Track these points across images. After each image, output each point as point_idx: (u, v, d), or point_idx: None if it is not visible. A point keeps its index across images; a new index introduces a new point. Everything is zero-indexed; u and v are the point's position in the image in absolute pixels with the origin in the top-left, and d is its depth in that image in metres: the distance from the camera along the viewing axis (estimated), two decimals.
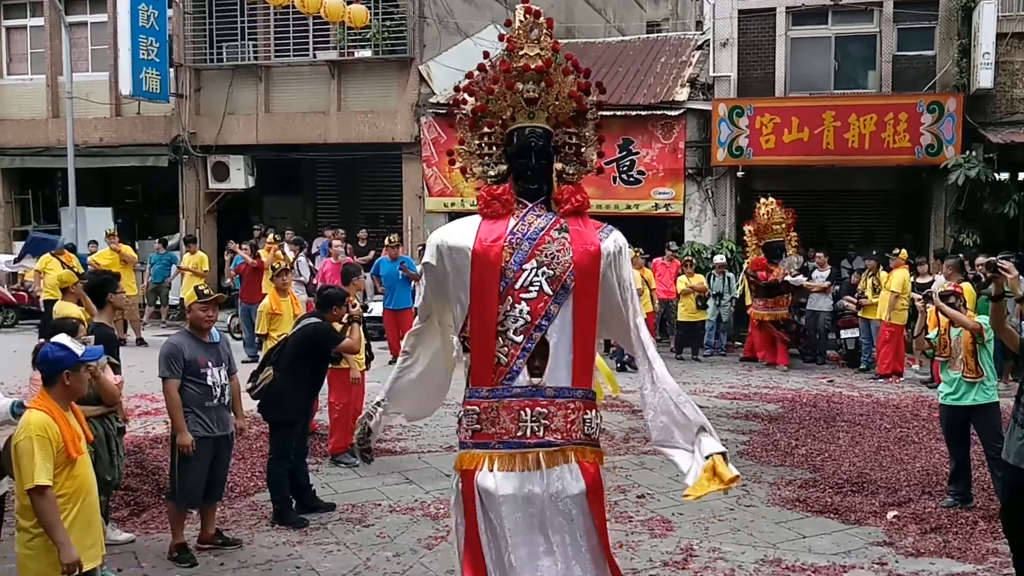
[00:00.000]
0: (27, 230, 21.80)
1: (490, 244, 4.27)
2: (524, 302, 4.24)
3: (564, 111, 4.48)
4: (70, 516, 4.26)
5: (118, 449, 6.05)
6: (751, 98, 16.56)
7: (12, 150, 21.51)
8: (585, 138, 4.59)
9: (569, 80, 4.49)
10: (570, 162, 4.55)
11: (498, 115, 4.50)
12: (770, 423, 10.49)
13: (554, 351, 4.25)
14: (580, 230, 4.36)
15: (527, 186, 4.42)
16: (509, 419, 4.23)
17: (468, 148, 4.59)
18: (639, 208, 17.15)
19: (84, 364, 4.38)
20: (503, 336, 4.25)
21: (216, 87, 20.03)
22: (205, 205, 20.39)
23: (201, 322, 6.40)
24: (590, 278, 4.29)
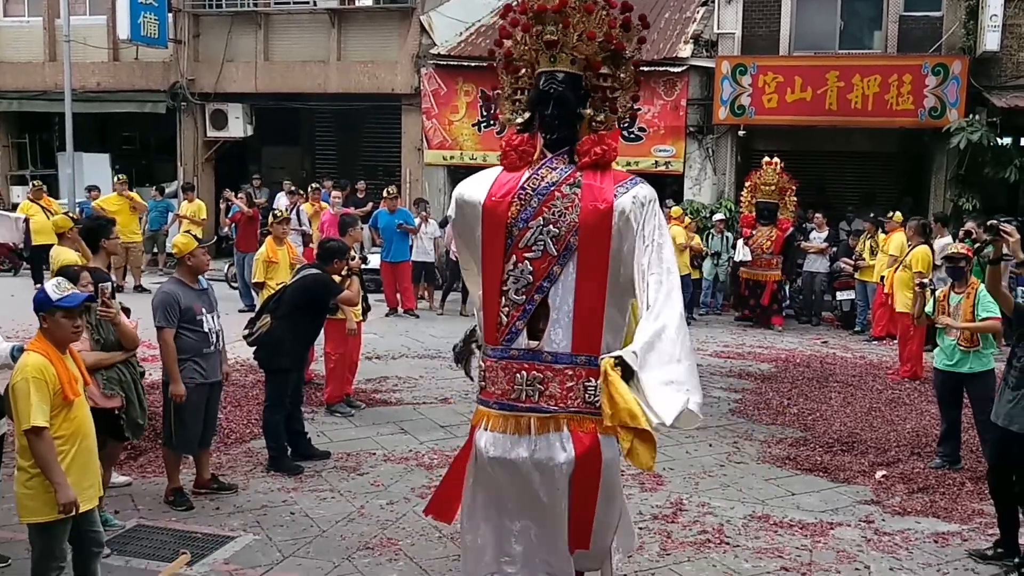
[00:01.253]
0: (24, 175, 21.74)
1: (499, 199, 4.12)
2: (527, 261, 4.08)
3: (591, 52, 4.16)
4: (68, 457, 4.30)
5: (143, 393, 6.08)
6: (755, 56, 16.41)
7: (9, 93, 21.32)
8: (621, 81, 4.28)
9: (595, 18, 4.16)
10: (601, 109, 4.26)
11: (524, 59, 4.28)
12: (763, 382, 10.57)
13: (555, 314, 4.08)
14: (594, 185, 4.08)
15: (547, 135, 4.19)
16: (506, 380, 4.14)
17: (503, 92, 4.40)
18: (639, 165, 17.04)
19: (60, 310, 4.35)
20: (505, 296, 4.13)
21: (215, 33, 19.83)
22: (203, 153, 20.29)
23: (203, 266, 6.45)
24: (598, 238, 4.03)
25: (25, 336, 9.61)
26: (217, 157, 20.63)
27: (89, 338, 5.62)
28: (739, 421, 8.90)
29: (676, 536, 6.04)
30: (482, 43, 17.94)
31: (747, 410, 9.30)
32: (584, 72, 4.20)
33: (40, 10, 20.97)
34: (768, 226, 14.39)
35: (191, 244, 6.45)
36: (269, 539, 5.83)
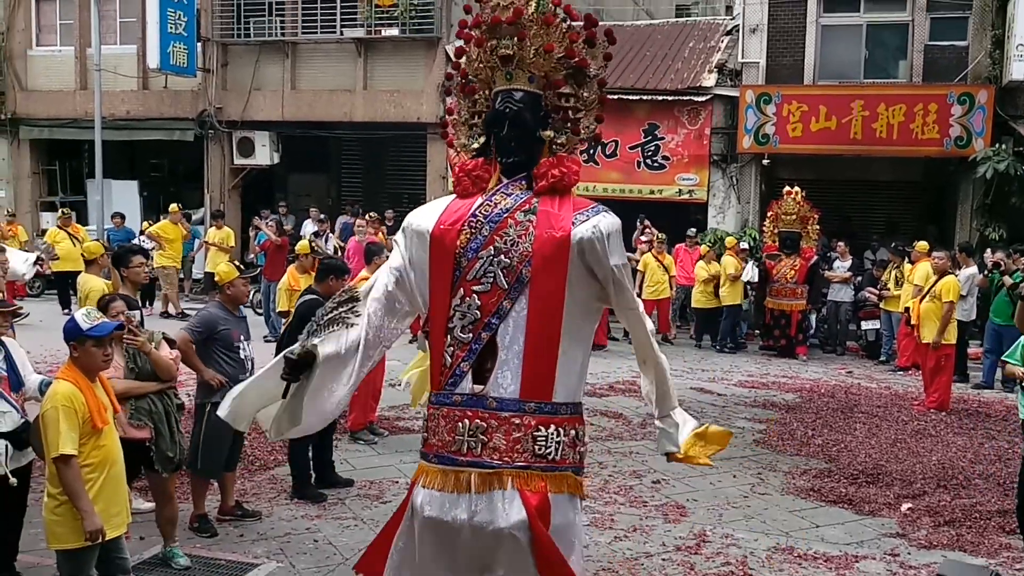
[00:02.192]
0: (54, 201, 22.05)
1: (448, 227, 3.72)
2: (475, 295, 3.65)
3: (552, 69, 3.78)
4: (96, 485, 4.35)
5: (178, 426, 5.88)
6: (779, 85, 16.44)
7: (40, 121, 21.68)
8: (584, 101, 3.89)
9: (554, 31, 3.76)
10: (561, 130, 3.86)
11: (479, 78, 3.89)
12: (787, 412, 10.50)
13: (503, 355, 3.63)
14: (551, 212, 3.68)
15: (502, 159, 3.80)
16: (446, 430, 3.68)
17: (459, 117, 4.03)
18: (663, 193, 17.12)
19: (90, 339, 4.40)
20: (451, 334, 3.69)
21: (243, 63, 20.10)
22: (230, 180, 20.50)
23: (242, 297, 6.48)
24: (553, 270, 3.61)
25: (53, 362, 9.74)
26: (244, 184, 20.85)
27: (124, 366, 5.65)
28: (763, 452, 8.85)
29: (699, 568, 5.99)
30: None
31: (771, 441, 9.24)
32: (544, 91, 3.83)
33: (72, 40, 21.34)
34: (791, 255, 14.36)
35: (232, 274, 6.48)
36: (292, 567, 5.84)
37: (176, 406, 5.90)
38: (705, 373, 12.84)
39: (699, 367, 13.34)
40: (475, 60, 3.86)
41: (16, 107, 21.74)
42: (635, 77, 17.26)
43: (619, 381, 11.80)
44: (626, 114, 16.93)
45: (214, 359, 6.24)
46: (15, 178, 22.01)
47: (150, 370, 5.68)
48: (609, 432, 9.20)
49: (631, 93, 16.82)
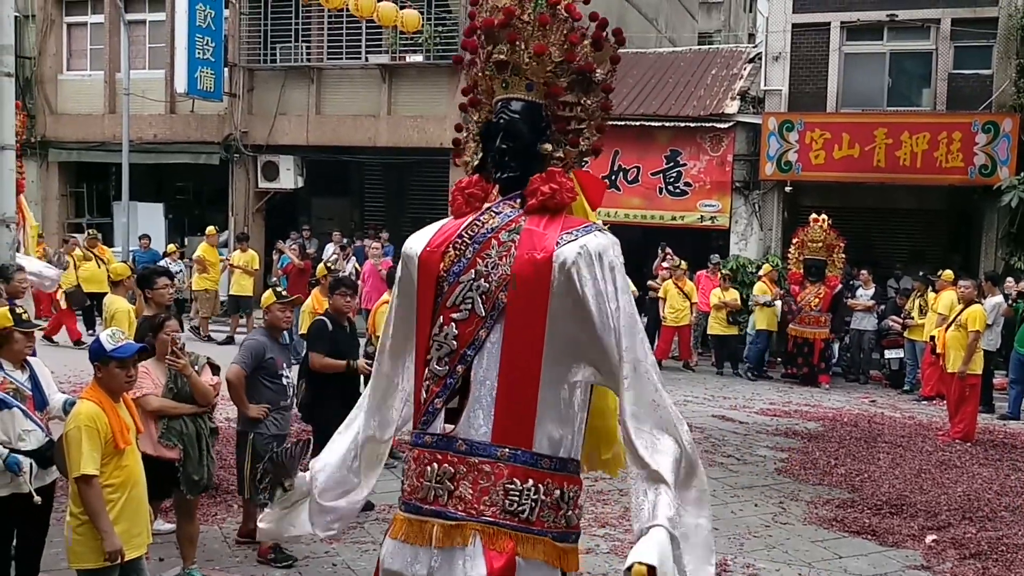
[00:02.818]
0: (81, 223, 22.30)
1: (434, 249, 3.35)
2: (454, 324, 3.25)
3: (549, 75, 3.35)
4: (117, 505, 4.37)
5: (208, 450, 5.82)
6: (802, 112, 16.45)
7: (69, 144, 22.00)
8: (587, 109, 3.43)
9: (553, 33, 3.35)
10: (559, 142, 3.42)
11: (482, 89, 3.53)
12: (810, 441, 10.41)
13: (476, 391, 3.19)
14: (535, 231, 3.25)
15: (497, 175, 3.42)
16: (416, 474, 3.27)
17: (469, 133, 3.65)
18: (684, 220, 17.11)
19: (114, 360, 4.44)
20: (428, 366, 3.30)
21: (269, 87, 20.33)
22: (254, 204, 20.68)
23: (280, 322, 6.44)
24: (532, 296, 3.16)
25: (77, 382, 9.82)
26: (268, 208, 21.02)
27: (164, 385, 5.68)
28: (785, 481, 8.77)
29: None
30: None
31: (793, 469, 9.17)
32: (545, 100, 3.41)
33: (102, 64, 21.68)
34: (816, 283, 14.30)
35: (269, 299, 6.49)
36: None
37: (210, 430, 5.88)
38: (727, 401, 12.77)
39: (720, 395, 13.27)
40: (476, 69, 3.51)
41: (46, 130, 22.08)
42: (657, 104, 17.32)
43: None
44: (648, 140, 16.98)
45: (258, 386, 6.23)
46: (43, 200, 22.29)
47: (189, 392, 5.70)
48: None
49: (653, 120, 16.87)
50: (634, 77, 18.86)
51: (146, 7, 21.28)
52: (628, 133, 16.93)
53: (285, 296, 6.60)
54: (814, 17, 16.85)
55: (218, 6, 19.41)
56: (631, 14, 26.20)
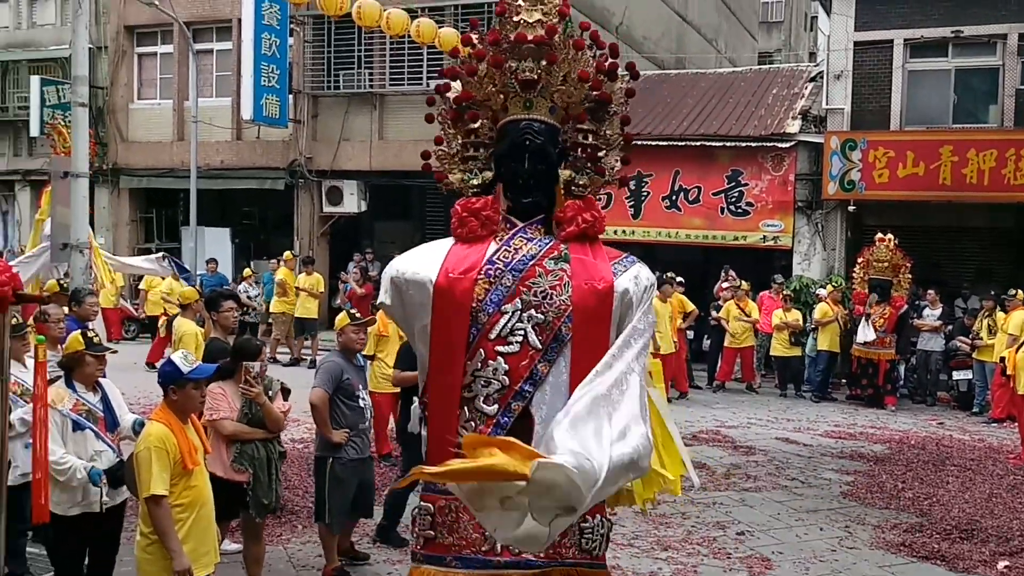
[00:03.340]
0: (150, 247, 22.85)
1: (459, 276, 3.14)
2: (501, 357, 3.06)
3: (575, 99, 3.27)
4: (186, 525, 4.48)
5: (277, 473, 5.94)
6: (865, 131, 16.22)
7: (139, 171, 22.61)
8: (606, 138, 3.36)
9: (583, 57, 3.27)
10: (583, 170, 3.34)
11: (486, 104, 3.36)
12: (876, 464, 10.21)
13: (541, 430, 2.95)
14: (586, 260, 3.18)
15: (520, 199, 3.27)
16: (472, 526, 3.04)
17: (448, 149, 3.48)
18: (747, 240, 16.96)
19: (191, 381, 4.57)
20: (470, 405, 3.07)
21: (332, 114, 20.68)
22: (319, 228, 21.02)
23: (353, 344, 6.48)
24: (596, 325, 3.08)
25: (146, 403, 10.07)
26: (332, 232, 21.34)
27: (240, 409, 5.80)
28: (851, 504, 8.61)
29: None
30: None
31: (859, 493, 9.00)
32: (563, 125, 3.34)
33: (171, 93, 22.29)
34: (881, 303, 14.07)
35: (343, 321, 6.56)
36: None
37: (279, 453, 5.97)
38: (790, 423, 12.59)
39: (784, 416, 13.09)
40: (485, 83, 3.32)
41: (117, 158, 22.74)
42: (718, 124, 17.24)
43: (703, 430, 11.65)
44: (709, 160, 16.90)
45: (337, 408, 6.25)
46: (114, 225, 22.94)
47: (262, 417, 5.80)
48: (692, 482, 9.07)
49: (714, 140, 16.80)
50: (694, 98, 18.80)
51: (213, 37, 21.86)
52: (688, 153, 16.87)
53: (359, 318, 6.69)
54: (877, 35, 16.63)
55: (283, 35, 19.84)
56: (690, 35, 26.19)
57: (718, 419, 12.61)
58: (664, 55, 24.30)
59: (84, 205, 9.16)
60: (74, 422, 5.11)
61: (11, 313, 3.91)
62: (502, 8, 3.31)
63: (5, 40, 24.50)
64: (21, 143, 23.86)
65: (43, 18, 24.14)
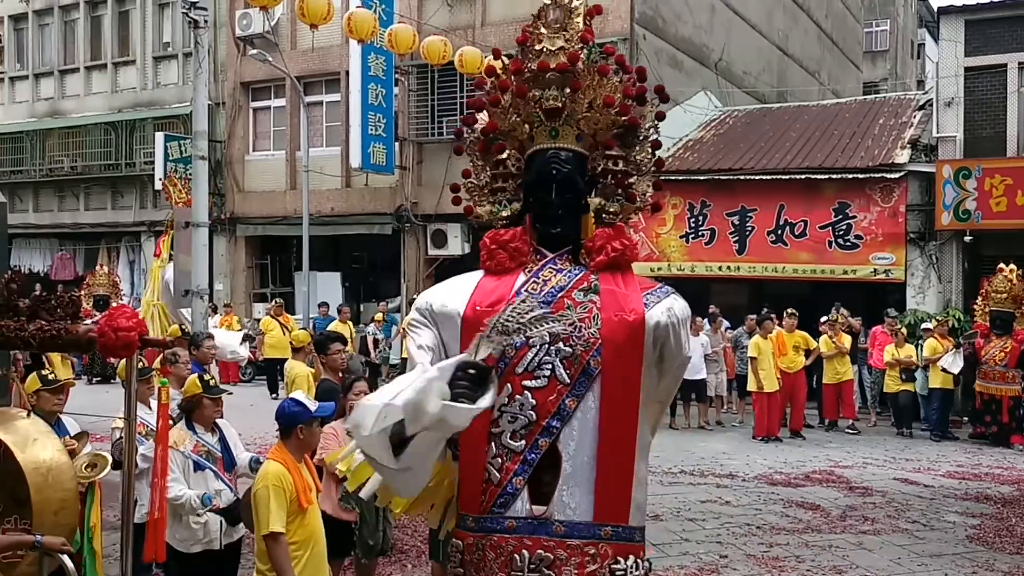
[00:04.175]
0: (265, 292, 23.69)
1: (486, 309, 3.05)
2: (528, 392, 2.97)
3: (603, 126, 3.20)
4: (301, 562, 4.60)
5: (386, 515, 5.90)
6: (979, 159, 15.68)
7: (254, 219, 23.49)
8: (636, 164, 3.28)
9: (609, 83, 3.19)
10: (613, 197, 3.25)
11: (512, 135, 3.32)
12: (1004, 506, 9.74)
13: (568, 467, 2.94)
14: (616, 291, 3.07)
15: (548, 229, 3.20)
16: (498, 564, 2.93)
17: (477, 181, 3.47)
18: (856, 274, 16.52)
19: (317, 419, 4.75)
20: (496, 440, 2.99)
21: (437, 159, 21.11)
22: (424, 270, 21.39)
23: None
24: (627, 360, 2.98)
25: (262, 443, 10.36)
26: (437, 274, 21.67)
27: None
28: (978, 549, 8.22)
29: None
30: (689, 157, 18.16)
31: (987, 537, 8.58)
32: (591, 152, 3.26)
33: (283, 144, 23.13)
34: (1002, 336, 13.49)
35: None
36: None
37: None
38: (909, 463, 12.13)
39: (902, 456, 12.62)
40: (510, 113, 3.27)
41: (234, 207, 23.69)
42: (823, 156, 16.93)
43: (815, 470, 11.33)
44: (815, 193, 16.57)
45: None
46: (231, 272, 23.84)
47: None
48: (806, 525, 8.83)
49: (819, 172, 16.48)
50: (797, 131, 18.53)
51: (323, 89, 22.63)
52: (793, 187, 16.59)
53: None
54: (989, 59, 16.12)
55: (389, 85, 20.41)
56: (792, 68, 25.88)
57: (831, 459, 12.25)
58: (765, 89, 24.05)
59: (204, 253, 9.59)
60: (195, 463, 5.34)
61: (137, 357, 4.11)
62: (524, 37, 3.26)
63: (133, 100, 25.94)
64: (147, 196, 25.10)
65: (167, 78, 25.48)
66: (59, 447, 4.26)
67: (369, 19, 11.81)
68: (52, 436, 4.33)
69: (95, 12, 26.96)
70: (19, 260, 26.52)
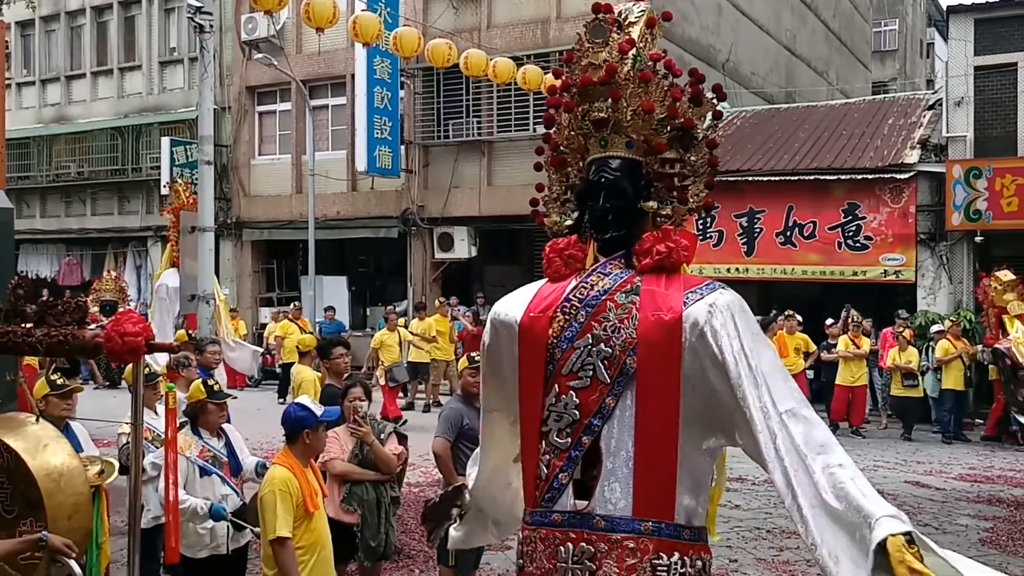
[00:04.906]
0: (272, 297, 23.67)
1: (538, 314, 3.22)
2: (573, 392, 3.09)
3: (652, 131, 3.27)
4: (307, 567, 4.56)
5: (388, 518, 5.93)
6: (990, 158, 15.58)
7: (260, 223, 23.48)
8: (691, 165, 3.34)
9: (655, 88, 3.26)
10: (666, 199, 3.32)
11: (572, 148, 3.46)
12: (1017, 509, 9.65)
13: (609, 463, 3.04)
14: (656, 291, 3.12)
15: (599, 236, 3.30)
16: (546, 556, 3.09)
17: (550, 193, 3.60)
18: (866, 275, 16.42)
19: (322, 424, 4.70)
20: (546, 439, 3.14)
21: (442, 162, 21.09)
22: (431, 273, 21.36)
23: (472, 387, 6.46)
24: (663, 359, 3.02)
25: (269, 448, 10.32)
26: (443, 277, 21.66)
27: (350, 451, 5.88)
28: (991, 552, 8.13)
29: None
30: None
31: (1000, 540, 8.50)
32: (645, 157, 3.33)
33: (289, 148, 23.13)
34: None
35: (463, 365, 6.61)
36: None
37: (391, 499, 5.96)
38: (920, 466, 12.04)
39: (913, 459, 12.53)
40: (566, 127, 3.42)
41: (240, 212, 23.68)
42: (832, 157, 16.84)
43: None
44: (824, 194, 16.49)
45: (460, 455, 6.09)
46: (238, 276, 23.83)
47: (372, 460, 5.85)
48: None
49: (828, 173, 16.40)
50: (805, 131, 18.45)
51: (328, 93, 22.62)
52: (802, 188, 16.51)
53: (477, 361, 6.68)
54: (999, 58, 16.03)
55: (394, 88, 20.40)
56: (800, 68, 25.80)
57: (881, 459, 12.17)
58: (773, 89, 23.98)
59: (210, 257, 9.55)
60: (201, 468, 5.30)
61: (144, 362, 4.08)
62: (570, 56, 3.38)
63: (139, 105, 25.97)
64: (153, 201, 25.13)
65: (172, 83, 25.51)
66: (69, 451, 4.24)
67: (374, 22, 11.77)
68: (62, 441, 4.31)
69: (101, 18, 27.02)
70: (26, 266, 26.58)
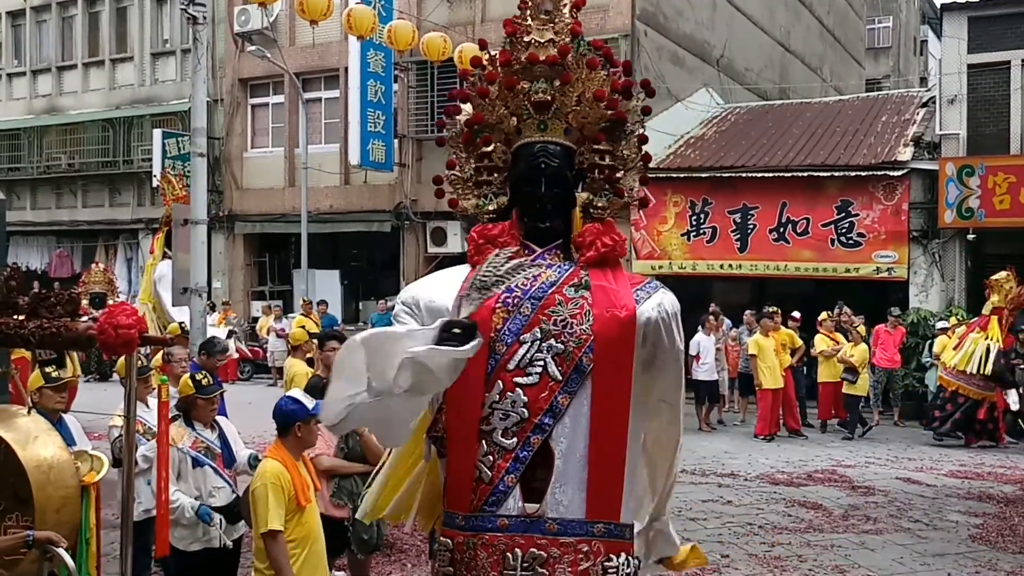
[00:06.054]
0: (263, 290, 23.61)
1: None
2: (520, 389, 2.95)
3: (592, 120, 3.17)
4: (299, 560, 4.54)
5: None
6: (982, 156, 15.63)
7: (252, 216, 23.41)
8: (623, 159, 3.25)
9: (597, 77, 3.17)
10: (600, 191, 3.23)
11: (499, 127, 3.25)
12: (1007, 506, 9.68)
13: (561, 464, 2.94)
14: (607, 287, 3.05)
15: (536, 224, 3.18)
16: (490, 563, 2.93)
17: (461, 174, 3.36)
18: (859, 272, 16.46)
19: (314, 417, 4.68)
20: (487, 439, 2.96)
21: (436, 156, 20.98)
22: (424, 268, 21.29)
23: None
24: (619, 356, 2.98)
25: (262, 441, 10.28)
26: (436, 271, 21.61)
27: (336, 445, 5.89)
28: (980, 549, 8.16)
29: None
30: (691, 154, 18.10)
31: (990, 537, 8.52)
32: (578, 145, 3.23)
33: (282, 141, 23.07)
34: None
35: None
36: None
37: None
38: (912, 462, 12.08)
39: (904, 455, 12.57)
40: (497, 105, 3.23)
41: (232, 205, 23.61)
42: (825, 154, 16.87)
43: (817, 470, 11.27)
44: (817, 191, 16.51)
45: None
46: (230, 270, 23.76)
47: (360, 452, 5.84)
48: (808, 524, 8.76)
49: (821, 170, 16.42)
50: (799, 128, 18.47)
51: (321, 86, 22.55)
52: (795, 184, 16.53)
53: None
54: (992, 56, 16.07)
55: (388, 81, 20.35)
56: (794, 65, 25.82)
57: (834, 458, 12.19)
58: (767, 86, 23.99)
59: (202, 250, 9.51)
60: (193, 459, 5.28)
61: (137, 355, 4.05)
62: (512, 29, 3.24)
63: (130, 97, 25.86)
64: (145, 193, 25.03)
65: (164, 75, 25.41)
66: (60, 444, 4.21)
67: (368, 15, 11.73)
68: (53, 433, 4.28)
69: (93, 8, 26.89)
70: (17, 258, 26.43)
